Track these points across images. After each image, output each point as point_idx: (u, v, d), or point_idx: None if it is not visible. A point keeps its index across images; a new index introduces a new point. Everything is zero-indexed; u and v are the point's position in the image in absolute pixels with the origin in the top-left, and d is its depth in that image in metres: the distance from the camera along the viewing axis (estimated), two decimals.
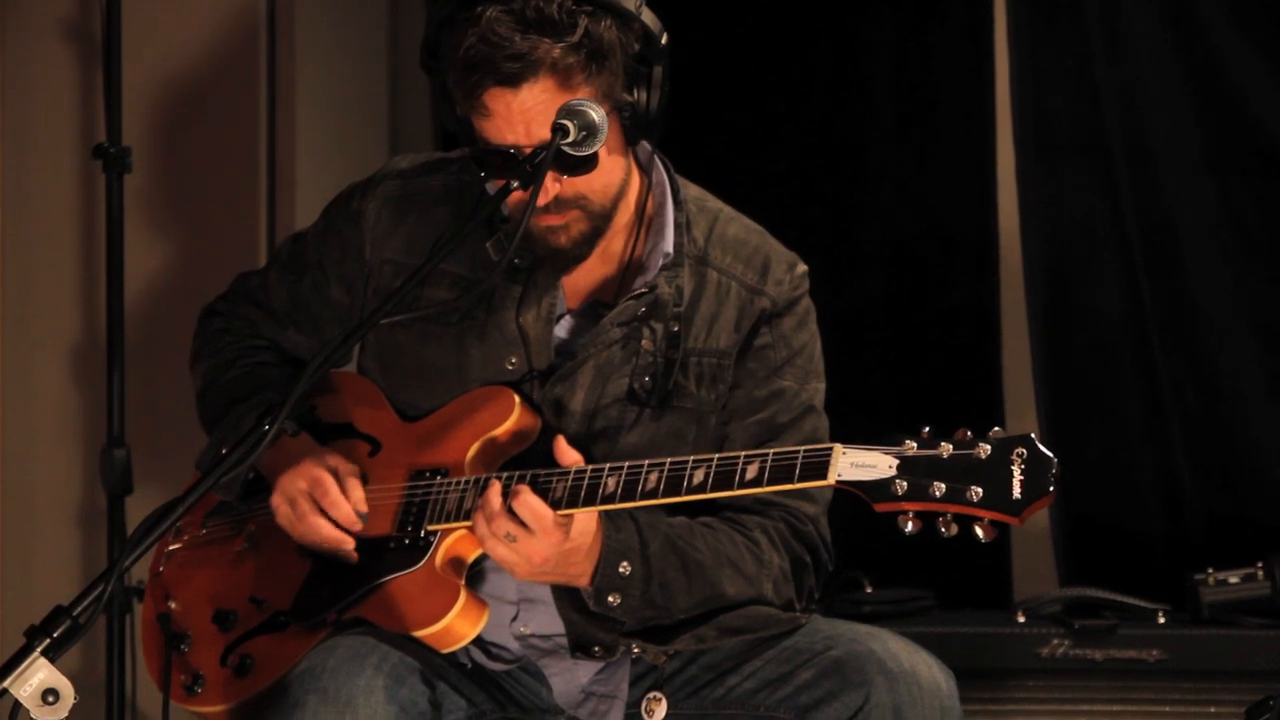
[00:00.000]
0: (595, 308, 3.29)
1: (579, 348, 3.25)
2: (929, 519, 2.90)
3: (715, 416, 3.28)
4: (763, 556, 3.22)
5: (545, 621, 3.26)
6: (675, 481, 3.03)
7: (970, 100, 4.73)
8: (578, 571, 3.12)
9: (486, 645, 3.29)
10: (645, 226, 3.30)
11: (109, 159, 4.34)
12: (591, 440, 3.23)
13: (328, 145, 4.71)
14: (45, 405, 4.66)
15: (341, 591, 3.21)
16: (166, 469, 4.41)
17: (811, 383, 3.32)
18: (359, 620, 3.20)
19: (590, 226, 3.20)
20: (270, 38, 4.62)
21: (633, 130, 3.18)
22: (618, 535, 3.13)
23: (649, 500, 3.05)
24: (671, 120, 3.21)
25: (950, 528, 2.89)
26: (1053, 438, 4.57)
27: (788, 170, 4.78)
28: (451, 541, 3.18)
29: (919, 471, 2.90)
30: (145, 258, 4.57)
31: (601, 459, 3.13)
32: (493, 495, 3.07)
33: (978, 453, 2.89)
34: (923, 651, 3.17)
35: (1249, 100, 4.57)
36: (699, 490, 3.02)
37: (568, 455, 3.11)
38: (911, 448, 2.91)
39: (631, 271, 3.29)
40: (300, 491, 3.20)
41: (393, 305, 2.96)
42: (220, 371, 3.43)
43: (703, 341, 3.27)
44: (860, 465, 2.93)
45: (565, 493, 3.07)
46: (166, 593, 3.37)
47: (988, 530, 2.88)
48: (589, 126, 3.05)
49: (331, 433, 3.33)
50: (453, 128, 3.21)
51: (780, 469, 2.98)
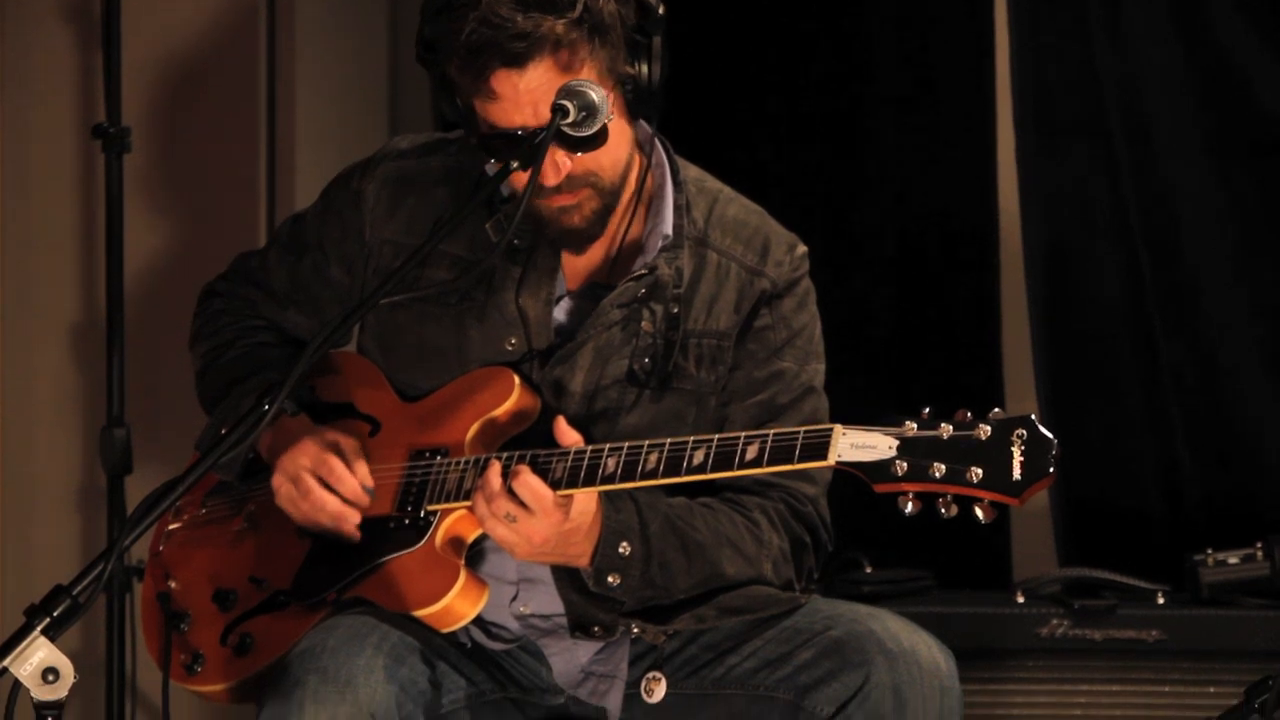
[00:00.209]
0: (594, 289, 3.29)
1: (579, 329, 3.25)
2: (929, 500, 2.90)
3: (715, 398, 3.28)
4: (762, 537, 3.22)
5: (545, 601, 3.26)
6: (675, 462, 3.03)
7: (970, 82, 4.71)
8: (577, 552, 3.12)
9: (486, 625, 3.29)
10: (644, 207, 3.30)
11: (108, 139, 4.34)
12: (591, 421, 3.23)
13: (328, 125, 4.70)
14: (45, 385, 4.65)
15: (341, 571, 3.21)
16: (166, 449, 4.40)
17: (811, 364, 3.32)
18: (359, 600, 3.20)
19: (602, 204, 3.19)
20: (270, 16, 4.61)
21: (635, 104, 3.17)
22: (617, 516, 3.13)
23: (649, 481, 3.04)
24: (668, 98, 3.20)
25: (950, 508, 2.89)
26: (1053, 419, 4.56)
27: (784, 153, 4.76)
28: (451, 521, 3.18)
29: (919, 452, 2.90)
30: (145, 238, 4.57)
31: (601, 440, 3.13)
32: (492, 475, 3.07)
33: (978, 434, 2.89)
34: (922, 632, 3.17)
35: (1251, 82, 4.56)
36: (699, 471, 3.02)
37: (568, 436, 3.11)
38: (911, 429, 2.91)
39: (631, 253, 3.29)
40: (304, 469, 3.20)
41: (392, 285, 2.96)
42: (220, 352, 3.43)
43: (702, 323, 3.27)
44: (860, 446, 2.93)
45: (565, 473, 3.07)
46: (166, 572, 3.37)
47: (987, 511, 2.88)
48: (588, 106, 3.05)
49: (331, 413, 3.33)
50: (453, 118, 3.19)
51: (780, 450, 2.98)
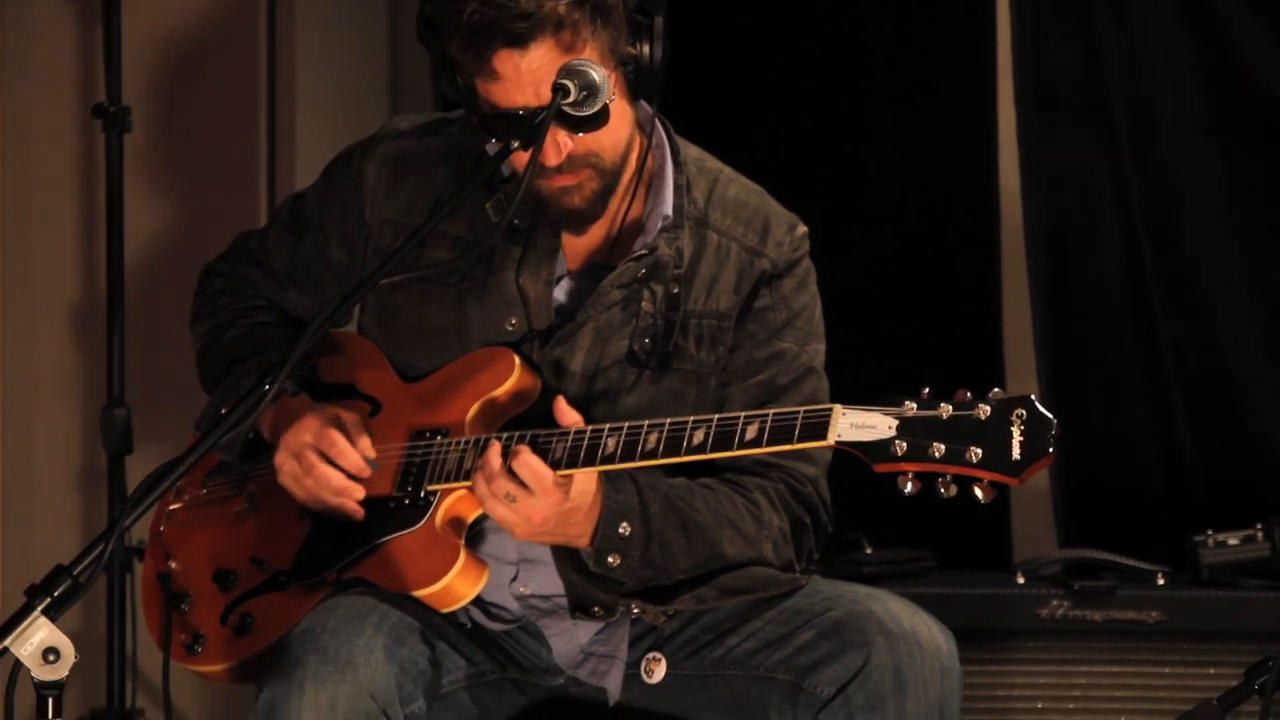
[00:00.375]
0: (594, 269, 3.29)
1: (579, 309, 3.25)
2: (928, 480, 2.90)
3: (715, 378, 3.28)
4: (762, 517, 3.22)
5: (545, 582, 3.26)
6: (675, 442, 3.03)
7: (971, 63, 4.71)
8: (577, 532, 3.12)
9: (486, 605, 3.29)
10: (645, 188, 3.29)
11: (109, 118, 4.34)
12: (591, 401, 3.23)
13: (328, 104, 4.70)
14: (45, 365, 4.66)
15: (341, 551, 3.21)
16: (167, 429, 4.41)
17: (811, 344, 3.32)
18: (359, 580, 3.20)
19: (602, 184, 3.19)
20: None
21: (637, 84, 3.17)
22: (617, 496, 3.13)
23: (648, 461, 3.04)
24: (668, 73, 3.20)
25: (949, 489, 2.89)
26: (1053, 399, 4.56)
27: (784, 135, 4.76)
28: (451, 501, 3.18)
29: (918, 432, 2.90)
30: (145, 217, 4.57)
31: (601, 420, 3.13)
32: (492, 455, 3.07)
33: (977, 414, 2.89)
34: (923, 612, 3.17)
35: (1253, 64, 4.55)
36: (698, 451, 3.02)
37: (567, 416, 3.11)
38: (911, 408, 2.91)
39: (631, 233, 3.28)
40: (306, 445, 3.20)
41: (392, 266, 2.96)
42: (220, 331, 3.43)
43: (702, 303, 3.27)
44: (860, 426, 2.92)
45: (565, 453, 3.07)
46: (167, 552, 3.37)
47: (987, 491, 2.88)
48: (589, 86, 3.04)
49: (332, 393, 3.32)
50: (454, 97, 3.18)
51: (780, 429, 2.97)
